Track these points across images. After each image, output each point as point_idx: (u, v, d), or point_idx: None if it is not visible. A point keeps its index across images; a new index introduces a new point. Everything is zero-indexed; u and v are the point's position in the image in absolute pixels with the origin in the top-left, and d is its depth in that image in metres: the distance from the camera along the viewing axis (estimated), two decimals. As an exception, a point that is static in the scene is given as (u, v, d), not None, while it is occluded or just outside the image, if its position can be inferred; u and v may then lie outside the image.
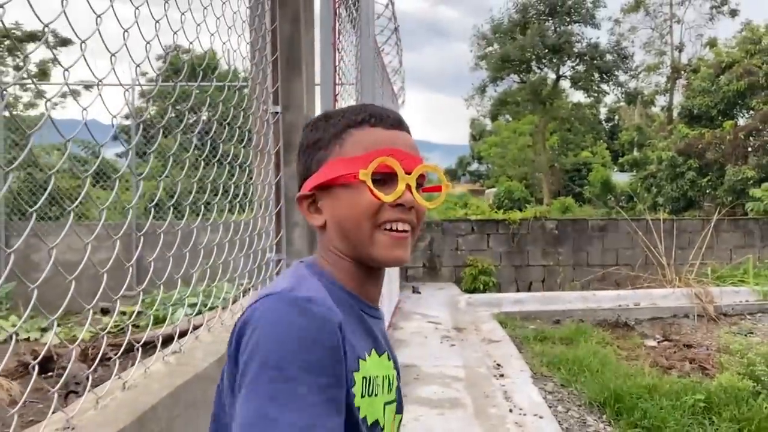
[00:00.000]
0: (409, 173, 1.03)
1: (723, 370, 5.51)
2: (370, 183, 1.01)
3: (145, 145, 11.00)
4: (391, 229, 1.03)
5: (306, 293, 0.92)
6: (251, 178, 2.43)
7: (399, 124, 1.09)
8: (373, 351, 1.04)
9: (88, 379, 1.34)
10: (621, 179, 28.35)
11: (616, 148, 36.07)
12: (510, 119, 34.94)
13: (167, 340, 1.68)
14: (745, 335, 7.00)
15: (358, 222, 1.03)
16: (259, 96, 2.40)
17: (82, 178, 1.61)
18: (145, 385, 1.39)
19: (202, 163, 2.00)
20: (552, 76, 30.38)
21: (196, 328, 1.83)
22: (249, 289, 2.38)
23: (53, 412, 1.19)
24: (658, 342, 7.14)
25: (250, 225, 2.43)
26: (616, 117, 42.32)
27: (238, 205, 2.34)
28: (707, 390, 4.98)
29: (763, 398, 4.76)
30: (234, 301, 2.25)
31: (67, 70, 1.37)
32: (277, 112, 2.55)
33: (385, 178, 1.03)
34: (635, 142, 30.57)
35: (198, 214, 1.97)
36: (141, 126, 6.85)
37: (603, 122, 40.89)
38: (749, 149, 18.34)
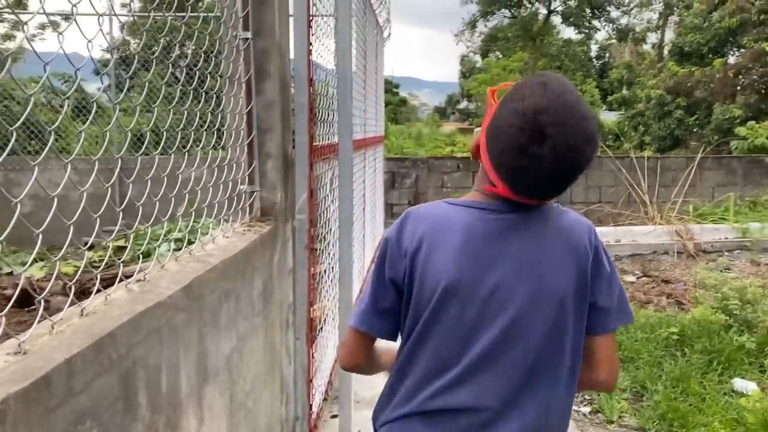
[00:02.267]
0: None
1: (698, 304, 5.62)
2: None
3: (128, 79, 10.69)
4: None
5: None
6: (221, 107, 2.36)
7: None
8: None
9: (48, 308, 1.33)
10: (609, 118, 28.29)
11: (605, 87, 35.77)
12: (500, 56, 34.45)
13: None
14: (722, 271, 7.12)
15: None
16: (228, 20, 2.31)
17: (62, 107, 1.56)
18: (105, 311, 1.37)
19: (182, 96, 1.95)
20: (543, 11, 29.78)
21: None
22: (221, 221, 2.35)
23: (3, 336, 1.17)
24: (638, 278, 7.26)
25: (226, 157, 2.39)
26: (607, 55, 41.79)
27: (215, 137, 2.29)
28: (681, 323, 5.10)
29: (734, 331, 4.88)
30: (204, 234, 2.23)
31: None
32: (247, 38, 2.47)
33: None
34: (625, 81, 30.28)
35: (179, 148, 1.93)
36: (115, 57, 6.66)
37: (593, 60, 40.40)
38: (738, 88, 18.25)
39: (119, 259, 1.64)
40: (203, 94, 2.13)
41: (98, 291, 1.45)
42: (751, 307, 5.03)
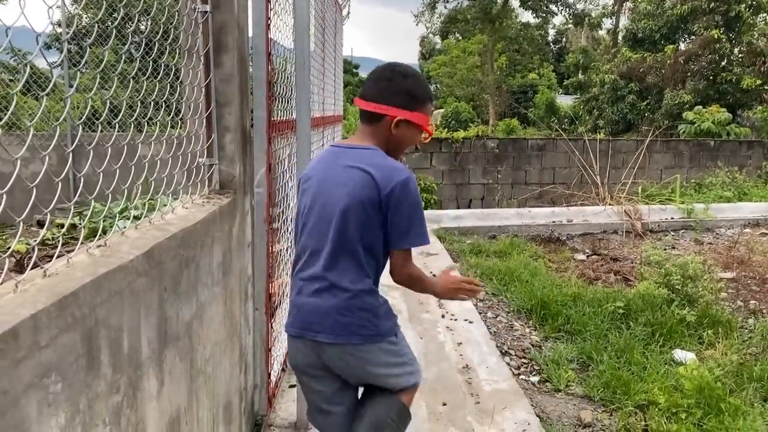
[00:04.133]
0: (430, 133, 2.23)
1: (643, 280, 5.86)
2: (426, 135, 2.22)
3: (78, 54, 10.41)
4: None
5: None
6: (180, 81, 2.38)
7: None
8: None
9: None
10: (565, 102, 28.79)
11: (562, 71, 36.31)
12: (460, 38, 34.55)
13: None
14: (666, 249, 7.42)
15: (409, 144, 2.22)
16: (186, -7, 2.33)
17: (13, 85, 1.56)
18: (67, 273, 1.41)
19: (140, 69, 1.95)
20: (502, -6, 29.93)
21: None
22: (180, 193, 2.38)
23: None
24: (587, 256, 7.50)
25: (185, 130, 2.41)
26: (564, 39, 42.37)
27: (173, 109, 2.30)
28: (626, 298, 5.32)
29: (675, 305, 5.13)
30: (163, 205, 2.26)
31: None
32: (206, 12, 2.48)
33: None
34: (580, 65, 30.80)
35: (136, 121, 1.93)
36: (70, 33, 6.50)
37: (551, 44, 40.95)
38: (688, 74, 18.78)
39: (73, 238, 1.65)
40: (162, 66, 2.14)
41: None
42: (692, 282, 5.27)
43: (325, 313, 2.09)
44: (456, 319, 4.85)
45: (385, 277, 2.24)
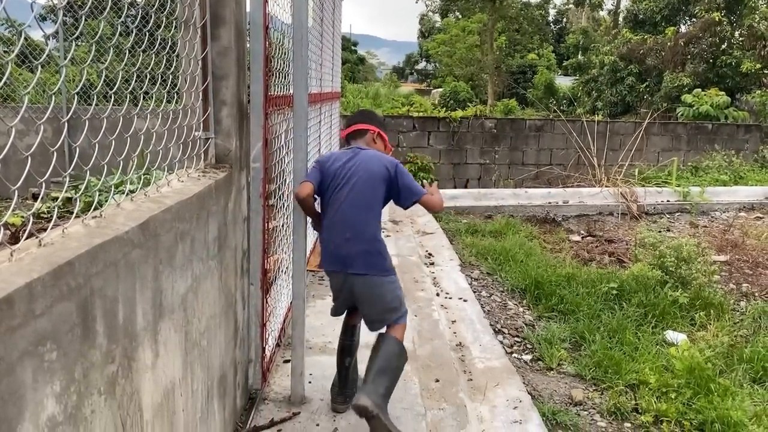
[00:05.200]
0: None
1: (637, 262, 5.89)
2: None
3: (74, 26, 10.28)
4: None
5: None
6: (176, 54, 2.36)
7: None
8: None
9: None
10: (564, 83, 28.63)
11: (562, 52, 36.07)
12: (460, 16, 34.24)
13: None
14: (660, 232, 7.44)
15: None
16: (183, -37, 2.29)
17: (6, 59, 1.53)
18: (63, 242, 1.41)
19: (137, 41, 1.92)
20: (503, -28, 29.58)
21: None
22: (176, 166, 2.37)
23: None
24: (582, 237, 7.52)
25: (181, 103, 2.40)
26: (564, 19, 42.04)
27: (169, 89, 2.28)
28: (620, 279, 5.35)
29: (669, 287, 5.16)
30: (159, 179, 2.25)
31: None
32: (203, -17, 2.46)
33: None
34: (580, 46, 30.63)
35: (132, 93, 1.91)
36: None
37: (551, 24, 40.61)
38: (688, 56, 18.69)
39: (68, 212, 1.64)
40: (158, 39, 2.12)
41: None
42: (685, 264, 5.30)
43: (357, 254, 2.90)
44: (450, 298, 4.87)
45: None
